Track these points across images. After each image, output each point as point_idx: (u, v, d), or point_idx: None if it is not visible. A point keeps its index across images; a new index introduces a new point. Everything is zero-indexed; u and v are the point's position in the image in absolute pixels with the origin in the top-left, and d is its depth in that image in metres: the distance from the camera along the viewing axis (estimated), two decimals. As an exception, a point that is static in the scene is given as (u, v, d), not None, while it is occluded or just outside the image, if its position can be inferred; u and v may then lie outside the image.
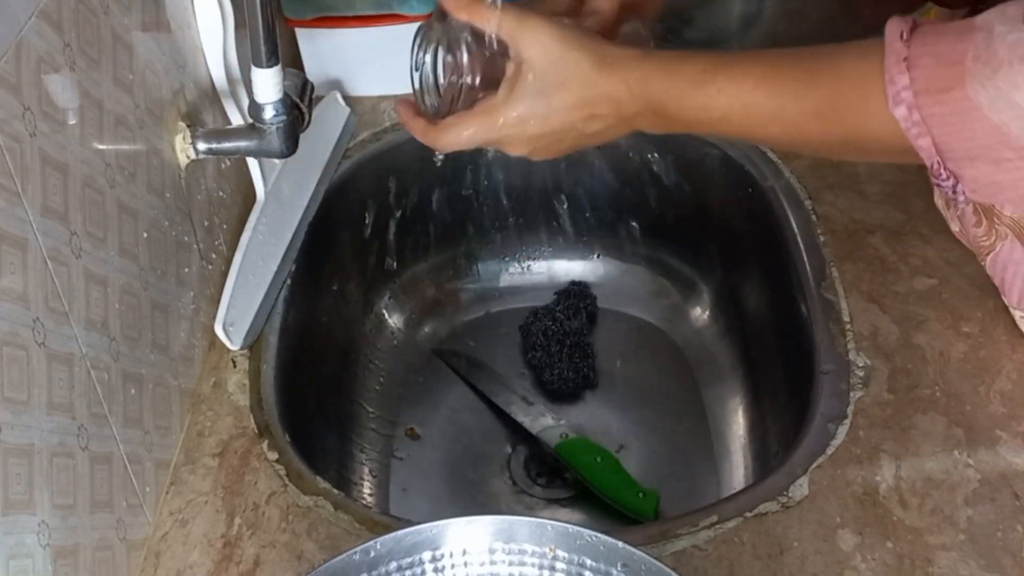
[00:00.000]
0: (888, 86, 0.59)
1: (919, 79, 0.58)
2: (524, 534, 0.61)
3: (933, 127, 0.58)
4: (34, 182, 0.62)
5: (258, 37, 0.78)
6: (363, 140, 1.12)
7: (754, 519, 0.76)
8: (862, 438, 0.81)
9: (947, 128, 0.58)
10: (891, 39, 0.60)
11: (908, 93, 0.58)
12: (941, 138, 0.59)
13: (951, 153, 0.59)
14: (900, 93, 0.59)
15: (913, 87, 0.58)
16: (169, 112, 0.83)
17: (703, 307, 1.16)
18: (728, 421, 1.06)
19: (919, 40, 0.59)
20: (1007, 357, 0.86)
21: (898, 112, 0.59)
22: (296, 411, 0.90)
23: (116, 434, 0.72)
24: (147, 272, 0.78)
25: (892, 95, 0.59)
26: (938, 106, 0.58)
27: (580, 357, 1.11)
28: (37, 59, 0.63)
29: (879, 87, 0.59)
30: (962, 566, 0.72)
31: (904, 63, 0.58)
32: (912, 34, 0.59)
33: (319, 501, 0.79)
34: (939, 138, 0.59)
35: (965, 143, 0.58)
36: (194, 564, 0.75)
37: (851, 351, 0.87)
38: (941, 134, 0.58)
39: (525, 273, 1.22)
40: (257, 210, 0.94)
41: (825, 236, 0.97)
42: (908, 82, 0.58)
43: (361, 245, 1.13)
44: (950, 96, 0.57)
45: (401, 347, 1.15)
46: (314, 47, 1.13)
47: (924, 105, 0.58)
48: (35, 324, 0.62)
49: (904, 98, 0.58)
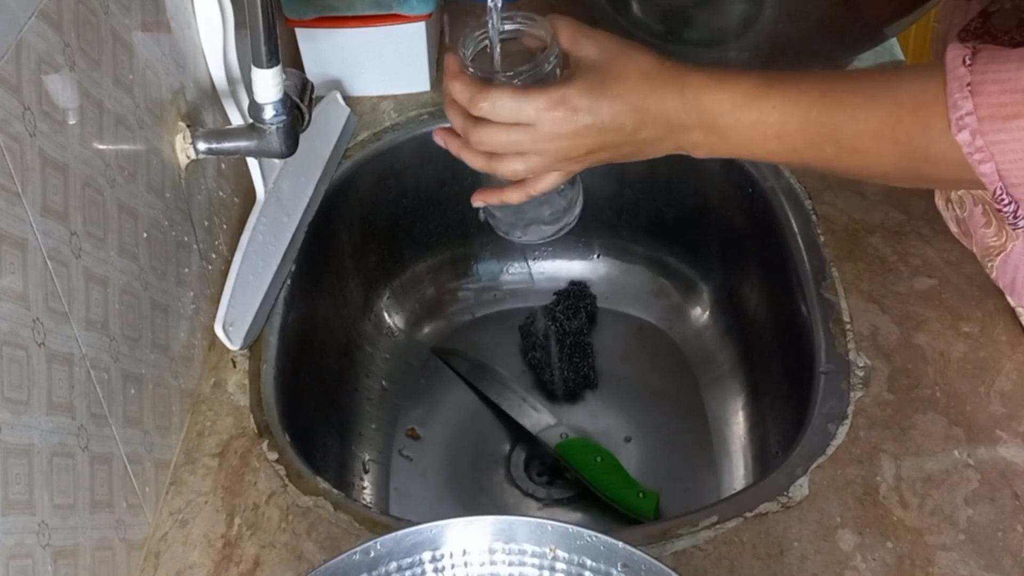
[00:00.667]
0: (951, 111, 0.58)
1: (982, 105, 0.57)
2: (524, 534, 0.61)
3: (997, 154, 0.58)
4: (34, 182, 0.62)
5: (258, 37, 0.78)
6: (363, 140, 1.12)
7: (754, 519, 0.76)
8: (862, 438, 0.81)
9: (1012, 155, 0.58)
10: (953, 64, 0.59)
11: (972, 119, 0.58)
12: (1005, 165, 0.58)
13: (1015, 179, 0.59)
14: (963, 119, 0.58)
15: (977, 113, 0.58)
16: (169, 112, 0.83)
17: (703, 307, 1.16)
18: (728, 421, 1.06)
19: (982, 66, 0.58)
20: (1007, 357, 0.86)
21: (961, 138, 0.58)
22: (296, 411, 0.90)
23: (116, 434, 0.72)
24: (147, 272, 0.78)
25: (955, 120, 0.58)
26: (1003, 133, 0.57)
27: (580, 357, 1.11)
28: (37, 59, 0.63)
29: (940, 112, 0.59)
30: (962, 566, 0.72)
31: (967, 88, 0.58)
32: (974, 59, 0.58)
33: (319, 501, 0.79)
34: (1003, 165, 0.58)
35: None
36: (194, 564, 0.75)
37: (851, 351, 0.87)
38: (1005, 161, 0.58)
39: (525, 273, 1.22)
40: (257, 210, 0.94)
41: (825, 236, 0.97)
42: (972, 108, 0.58)
43: (361, 245, 1.13)
44: (1016, 124, 0.57)
45: (401, 347, 1.15)
46: (314, 47, 1.13)
47: (988, 131, 0.58)
48: (35, 324, 0.62)
49: (967, 124, 0.58)
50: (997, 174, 0.59)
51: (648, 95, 0.67)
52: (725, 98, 0.66)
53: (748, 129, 0.66)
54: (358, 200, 1.11)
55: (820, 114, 0.64)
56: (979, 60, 0.58)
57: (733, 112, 0.66)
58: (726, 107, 0.66)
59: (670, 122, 0.68)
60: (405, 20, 1.11)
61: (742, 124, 0.66)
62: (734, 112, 0.66)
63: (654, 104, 0.67)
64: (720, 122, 0.67)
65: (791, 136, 0.65)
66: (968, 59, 0.59)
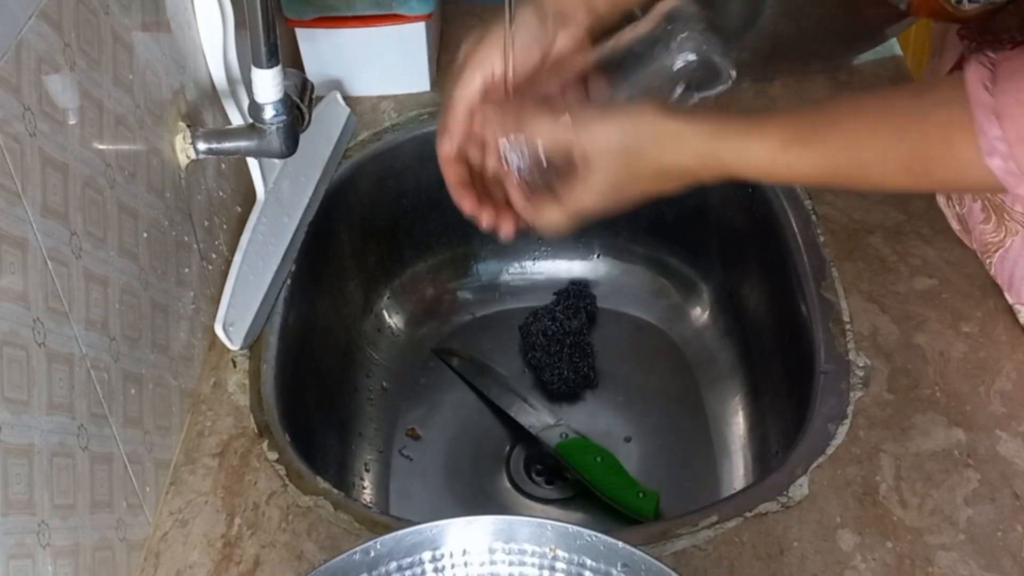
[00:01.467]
0: (980, 139, 0.58)
1: (1011, 129, 0.57)
2: (524, 534, 0.61)
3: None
4: (34, 182, 0.62)
5: (258, 37, 0.78)
6: (363, 140, 1.12)
7: (754, 519, 0.76)
8: (862, 438, 0.81)
9: None
10: (975, 90, 0.59)
11: (1002, 144, 0.58)
12: None
13: None
14: (993, 144, 0.58)
15: (1006, 137, 0.57)
16: (169, 112, 0.83)
17: (703, 307, 1.16)
18: (728, 421, 1.06)
19: (1003, 87, 0.58)
20: (1007, 357, 0.86)
21: (994, 164, 0.58)
22: (296, 411, 0.90)
23: (116, 434, 0.72)
24: (147, 272, 0.78)
25: (986, 148, 0.58)
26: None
27: (580, 357, 1.11)
28: (37, 59, 0.63)
29: (969, 140, 0.59)
30: (962, 566, 0.72)
31: (993, 114, 0.58)
32: (995, 81, 0.58)
33: (319, 501, 0.79)
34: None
35: None
36: (194, 564, 0.75)
37: (851, 351, 0.87)
38: None
39: (525, 273, 1.22)
40: (257, 210, 0.94)
41: (825, 236, 0.97)
42: (1000, 133, 0.58)
43: (361, 245, 1.13)
44: None
45: (401, 347, 1.15)
46: (314, 47, 1.13)
47: (1020, 154, 0.58)
48: (35, 324, 0.62)
49: (999, 149, 0.58)
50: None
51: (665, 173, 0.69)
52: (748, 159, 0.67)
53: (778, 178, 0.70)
54: (358, 200, 1.11)
55: (848, 161, 0.65)
56: (1000, 80, 0.58)
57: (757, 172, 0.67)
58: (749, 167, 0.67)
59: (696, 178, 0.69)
60: (405, 20, 1.11)
61: (769, 176, 0.68)
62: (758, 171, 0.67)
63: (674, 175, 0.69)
64: (747, 174, 0.68)
65: (823, 178, 0.67)
66: (988, 82, 0.58)
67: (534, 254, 1.22)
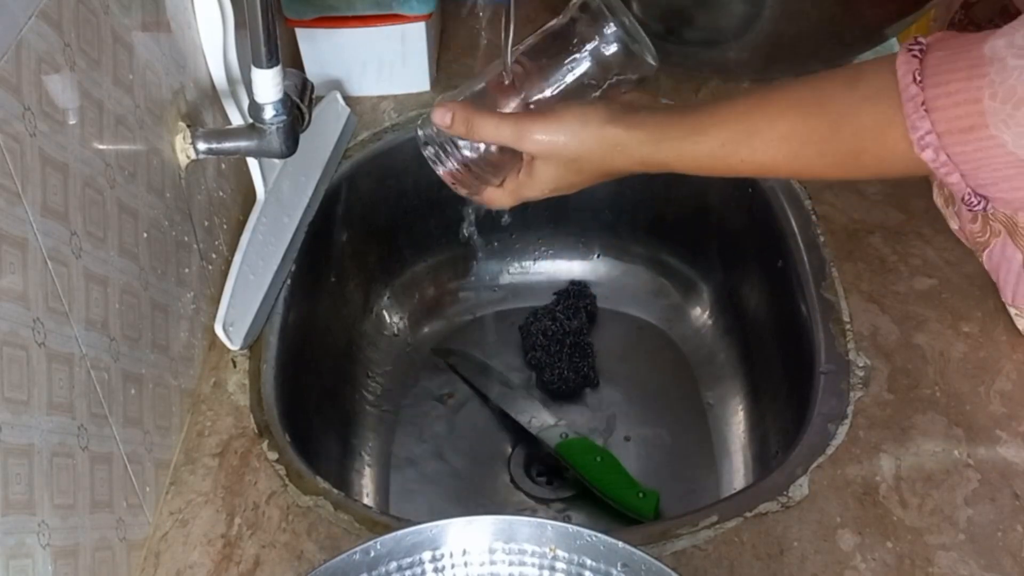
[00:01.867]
0: (911, 132, 0.59)
1: (939, 121, 0.58)
2: (524, 534, 0.61)
3: (960, 164, 0.59)
4: (34, 182, 0.62)
5: (258, 37, 0.78)
6: (363, 140, 1.12)
7: (754, 519, 0.76)
8: (862, 438, 0.81)
9: (974, 164, 0.58)
10: (904, 83, 0.60)
11: (932, 137, 0.59)
12: (969, 172, 0.59)
13: (980, 182, 0.59)
14: (924, 138, 0.59)
15: (935, 130, 0.58)
16: (169, 112, 0.83)
17: (703, 307, 1.16)
18: (728, 421, 1.06)
19: (931, 80, 0.59)
20: (1007, 357, 0.86)
21: (926, 156, 0.59)
22: (296, 411, 0.90)
23: (116, 434, 0.72)
24: (147, 272, 0.78)
25: (916, 141, 0.59)
26: (962, 145, 0.58)
27: (580, 357, 1.11)
28: (37, 59, 0.63)
29: (900, 134, 0.60)
30: (962, 566, 0.72)
31: (923, 108, 0.58)
32: (924, 74, 0.59)
33: (319, 501, 0.79)
34: (967, 172, 0.59)
35: (992, 173, 0.59)
36: (194, 564, 0.75)
37: (851, 351, 0.87)
38: (969, 169, 0.59)
39: (525, 273, 1.22)
40: (257, 210, 0.94)
41: (825, 236, 0.97)
42: (930, 127, 0.58)
43: (361, 245, 1.13)
44: (974, 135, 0.57)
45: (401, 347, 1.15)
46: (314, 47, 1.13)
47: (949, 145, 0.58)
48: (35, 324, 0.62)
49: (929, 142, 0.59)
50: (964, 182, 0.60)
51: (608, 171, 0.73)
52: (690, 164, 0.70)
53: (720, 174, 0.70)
54: (358, 200, 1.11)
55: (786, 158, 0.67)
56: (928, 73, 0.59)
57: (700, 169, 0.70)
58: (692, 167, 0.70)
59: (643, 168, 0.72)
60: (405, 20, 1.11)
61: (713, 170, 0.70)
62: (701, 169, 0.70)
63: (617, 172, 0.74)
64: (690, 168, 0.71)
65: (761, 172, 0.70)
66: (918, 75, 0.59)
67: (534, 254, 1.22)
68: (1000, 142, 0.56)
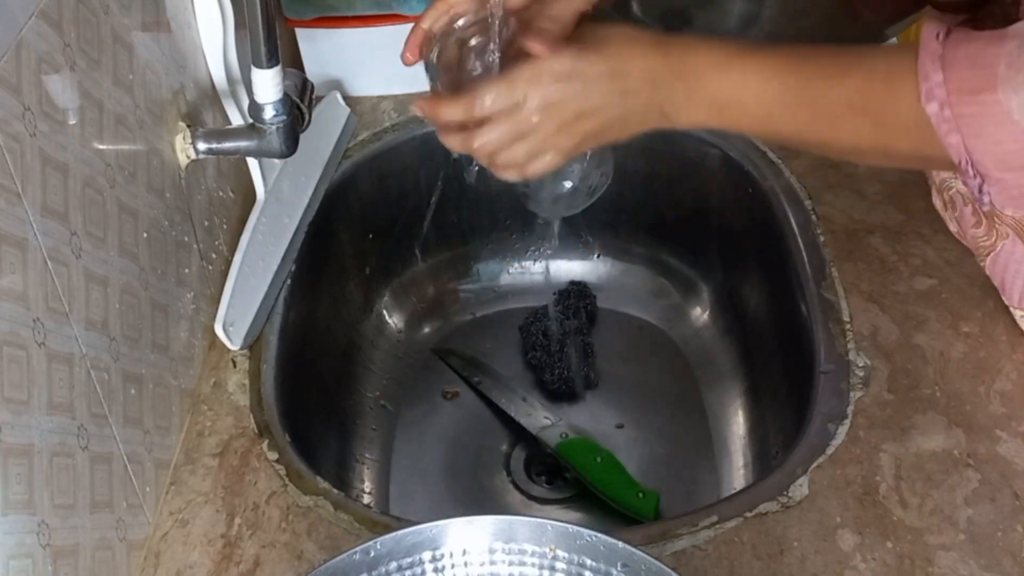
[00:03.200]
0: (922, 82, 0.60)
1: (952, 79, 0.59)
2: (524, 534, 0.61)
3: (963, 127, 0.59)
4: (34, 182, 0.62)
5: (258, 37, 0.78)
6: (363, 140, 1.12)
7: (754, 519, 0.76)
8: (862, 438, 0.81)
9: (976, 129, 0.59)
10: (927, 38, 0.60)
11: (941, 91, 0.59)
12: (970, 139, 0.59)
13: (980, 155, 0.60)
14: (933, 90, 0.59)
15: (947, 85, 0.59)
16: (169, 112, 0.83)
17: (703, 307, 1.16)
18: (728, 421, 1.06)
19: (954, 41, 0.59)
20: (1007, 357, 0.86)
21: (930, 108, 0.59)
22: (296, 411, 0.90)
23: (116, 434, 0.72)
24: (147, 272, 0.78)
25: (925, 91, 0.60)
26: (969, 106, 0.59)
27: (580, 357, 1.11)
28: (37, 59, 0.63)
29: (911, 82, 0.60)
30: (962, 566, 0.72)
31: (939, 61, 0.59)
32: (947, 35, 0.60)
33: (319, 501, 0.79)
34: (968, 138, 0.59)
35: (993, 147, 0.59)
36: (194, 564, 0.75)
37: (851, 351, 0.87)
38: (970, 134, 0.59)
39: (525, 273, 1.22)
40: (257, 210, 0.94)
41: (825, 236, 0.97)
42: (942, 80, 0.59)
43: (361, 245, 1.13)
44: (981, 98, 0.58)
45: (401, 347, 1.15)
46: (314, 47, 1.13)
47: (956, 104, 0.59)
48: (35, 324, 0.62)
49: (937, 95, 0.59)
50: (963, 146, 0.60)
51: (629, 55, 0.68)
52: (708, 58, 0.68)
53: (729, 90, 0.67)
54: (358, 200, 1.11)
55: (797, 80, 0.66)
56: (952, 36, 0.60)
57: (715, 70, 0.67)
58: (709, 66, 0.68)
59: (653, 79, 0.68)
60: (405, 20, 1.10)
61: (723, 84, 0.67)
62: (716, 70, 0.67)
63: (637, 61, 0.68)
64: (702, 81, 0.68)
65: (768, 100, 0.67)
66: (941, 35, 0.60)
67: (534, 254, 1.22)
68: (1006, 109, 0.57)
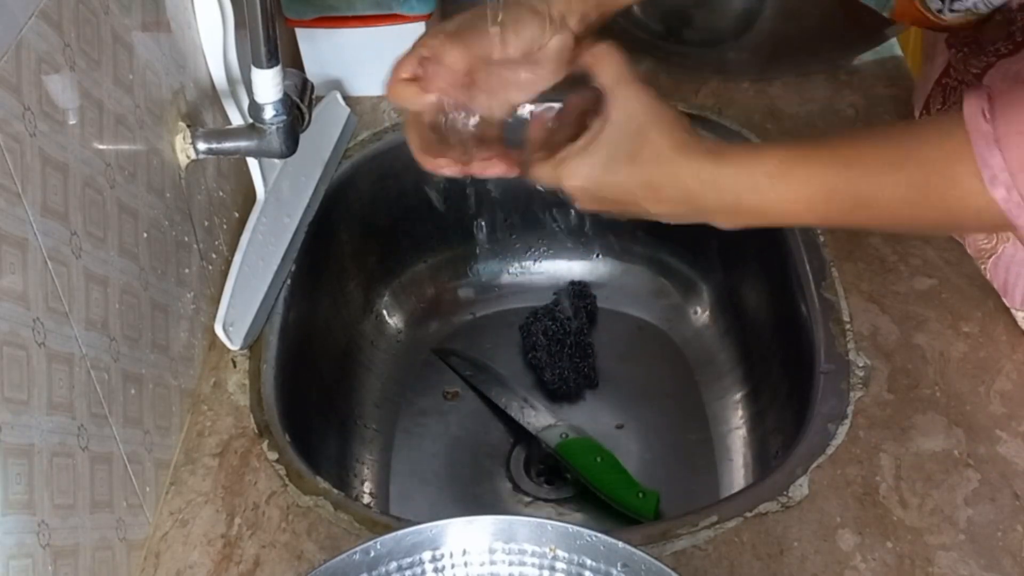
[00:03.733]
0: (982, 169, 0.58)
1: (1013, 159, 0.57)
2: (524, 534, 0.61)
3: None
4: (34, 182, 0.62)
5: (258, 37, 0.78)
6: (363, 140, 1.12)
7: (754, 519, 0.76)
8: (862, 438, 0.81)
9: None
10: (973, 119, 0.58)
11: (1005, 175, 0.57)
12: None
13: None
14: (996, 176, 0.57)
15: (1008, 167, 0.57)
16: (169, 112, 0.83)
17: (703, 307, 1.16)
18: (728, 421, 1.06)
19: (1003, 118, 0.57)
20: (1007, 357, 0.86)
21: (997, 194, 0.58)
22: (296, 411, 0.90)
23: (116, 434, 0.72)
24: (147, 272, 0.78)
25: (988, 178, 0.57)
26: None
27: (580, 357, 1.11)
28: (37, 59, 0.63)
29: (970, 170, 0.58)
30: (962, 566, 0.72)
31: (995, 144, 0.57)
32: (994, 111, 0.58)
33: (319, 501, 0.79)
34: None
35: None
36: (194, 564, 0.75)
37: (851, 351, 0.87)
38: None
39: (525, 273, 1.22)
40: (257, 210, 0.94)
41: (825, 236, 0.97)
42: (1003, 163, 0.57)
43: (361, 245, 1.13)
44: None
45: (401, 347, 1.15)
46: (314, 47, 1.13)
47: (1022, 184, 0.57)
48: (35, 324, 0.62)
49: (1002, 180, 0.57)
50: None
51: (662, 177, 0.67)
52: (745, 180, 0.65)
53: (772, 206, 0.65)
54: (358, 200, 1.11)
55: (847, 186, 0.63)
56: (999, 111, 0.58)
57: (755, 192, 0.65)
58: (746, 188, 0.65)
59: (693, 202, 0.67)
60: (405, 20, 1.11)
61: (765, 203, 0.65)
62: (756, 192, 0.65)
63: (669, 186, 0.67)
64: (743, 202, 0.66)
65: (820, 209, 0.65)
66: (987, 111, 0.58)
67: (534, 254, 1.22)
68: None
